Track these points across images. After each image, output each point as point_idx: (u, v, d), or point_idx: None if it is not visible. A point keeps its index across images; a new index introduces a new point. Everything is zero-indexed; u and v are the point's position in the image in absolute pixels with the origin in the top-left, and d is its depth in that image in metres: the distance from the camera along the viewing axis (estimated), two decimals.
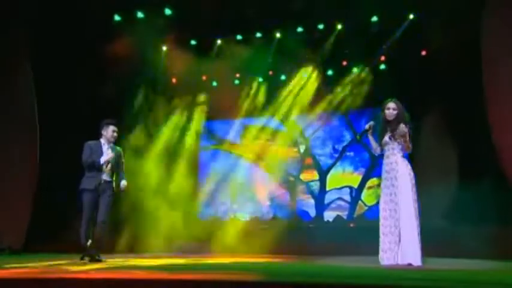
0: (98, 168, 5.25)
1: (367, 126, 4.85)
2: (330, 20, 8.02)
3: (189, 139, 9.18)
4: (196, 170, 9.40)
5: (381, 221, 4.63)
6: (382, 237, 4.61)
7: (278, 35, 8.33)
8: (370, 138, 4.87)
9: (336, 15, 7.95)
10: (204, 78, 9.00)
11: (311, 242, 7.69)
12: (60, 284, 2.97)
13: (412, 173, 4.63)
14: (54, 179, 7.76)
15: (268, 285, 2.43)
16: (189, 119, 9.18)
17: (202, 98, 9.17)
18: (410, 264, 4.32)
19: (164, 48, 8.70)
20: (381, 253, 4.60)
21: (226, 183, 9.14)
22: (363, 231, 7.72)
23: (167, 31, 8.08)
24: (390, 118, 4.71)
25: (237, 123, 9.33)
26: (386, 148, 4.74)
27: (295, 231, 8.12)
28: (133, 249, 7.91)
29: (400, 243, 4.42)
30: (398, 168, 4.58)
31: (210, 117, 9.38)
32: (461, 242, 6.33)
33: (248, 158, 9.30)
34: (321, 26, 8.12)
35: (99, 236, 5.17)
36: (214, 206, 9.22)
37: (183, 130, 9.15)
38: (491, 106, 5.92)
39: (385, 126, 4.79)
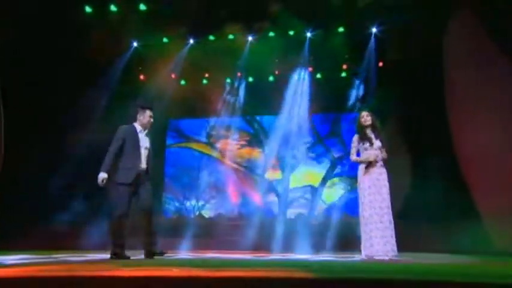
0: (134, 157, 4.67)
1: None
2: (300, 27, 8.46)
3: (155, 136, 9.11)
4: (162, 167, 9.38)
5: (376, 218, 4.82)
6: (370, 233, 4.79)
7: (250, 38, 8.60)
8: None
9: (306, 23, 8.40)
10: (173, 76, 9.01)
11: (276, 238, 8.02)
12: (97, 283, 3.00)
13: None
14: (18, 176, 7.39)
15: (324, 283, 2.64)
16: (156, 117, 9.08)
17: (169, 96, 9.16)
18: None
19: (135, 44, 8.60)
20: (373, 247, 4.75)
21: (192, 181, 9.23)
22: (324, 227, 8.27)
23: (140, 27, 8.04)
24: (367, 123, 5.15)
25: (204, 122, 9.46)
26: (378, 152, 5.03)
27: (261, 228, 8.40)
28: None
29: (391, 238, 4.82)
30: (385, 170, 5.06)
31: (177, 116, 9.42)
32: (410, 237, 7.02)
33: (214, 157, 9.48)
34: (291, 33, 8.52)
35: (153, 226, 4.71)
36: (179, 203, 9.27)
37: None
38: (452, 116, 6.38)
39: (366, 133, 5.17)
